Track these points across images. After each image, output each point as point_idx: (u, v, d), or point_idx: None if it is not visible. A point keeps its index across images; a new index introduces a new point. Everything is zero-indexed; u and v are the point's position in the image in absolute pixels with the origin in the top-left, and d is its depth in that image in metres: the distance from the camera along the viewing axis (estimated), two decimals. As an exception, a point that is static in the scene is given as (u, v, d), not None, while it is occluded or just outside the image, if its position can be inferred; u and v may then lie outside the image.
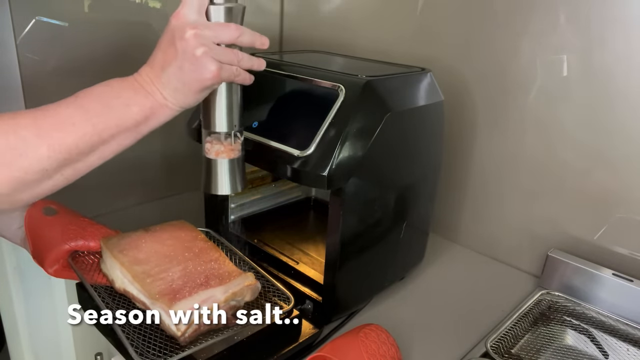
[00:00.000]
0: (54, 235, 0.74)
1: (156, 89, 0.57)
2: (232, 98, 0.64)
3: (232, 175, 0.68)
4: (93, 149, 0.56)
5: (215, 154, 0.66)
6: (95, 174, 1.07)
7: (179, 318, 0.62)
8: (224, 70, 0.57)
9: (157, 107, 0.57)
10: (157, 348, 0.63)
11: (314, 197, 1.16)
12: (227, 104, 0.63)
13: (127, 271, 0.69)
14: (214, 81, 0.57)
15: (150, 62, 0.58)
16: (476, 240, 1.04)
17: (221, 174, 0.67)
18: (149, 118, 0.57)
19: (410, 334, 0.77)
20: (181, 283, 0.67)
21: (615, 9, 0.78)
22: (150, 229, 0.79)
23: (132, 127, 0.57)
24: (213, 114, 0.64)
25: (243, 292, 0.69)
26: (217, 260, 0.73)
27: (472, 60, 0.96)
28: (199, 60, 0.55)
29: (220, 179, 0.68)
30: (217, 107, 0.63)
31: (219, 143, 0.66)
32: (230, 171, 0.68)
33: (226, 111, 0.64)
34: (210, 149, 0.67)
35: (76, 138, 0.54)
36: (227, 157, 0.67)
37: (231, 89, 0.63)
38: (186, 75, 0.56)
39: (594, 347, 0.79)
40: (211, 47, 0.56)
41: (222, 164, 0.67)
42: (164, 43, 0.56)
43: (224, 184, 0.68)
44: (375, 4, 1.11)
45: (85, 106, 0.55)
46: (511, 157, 0.95)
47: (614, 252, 0.85)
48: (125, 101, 0.56)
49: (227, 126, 0.65)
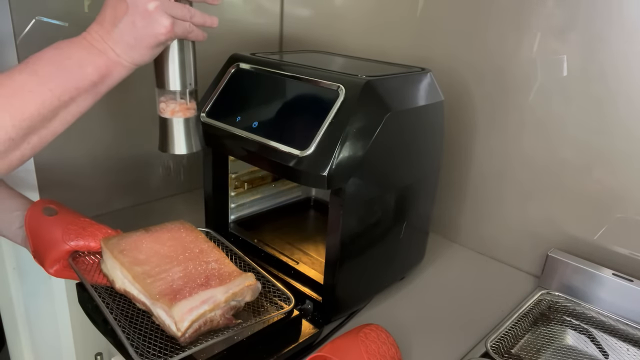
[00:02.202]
0: (55, 235, 0.74)
1: (108, 47, 0.56)
2: (185, 55, 0.63)
3: (188, 135, 0.67)
4: (55, 113, 0.55)
5: (170, 113, 0.66)
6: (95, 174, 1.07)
7: (179, 318, 0.62)
8: (177, 26, 0.57)
9: (112, 65, 0.56)
10: (157, 348, 0.63)
11: (314, 197, 1.16)
12: (180, 62, 0.62)
13: (128, 272, 0.69)
14: (167, 36, 0.56)
15: (100, 19, 0.57)
16: (476, 240, 1.04)
17: (178, 133, 0.67)
18: (105, 77, 0.57)
19: (410, 334, 0.77)
20: (181, 283, 0.67)
21: (615, 9, 0.78)
22: (150, 229, 0.79)
23: (90, 87, 0.56)
24: (167, 72, 0.63)
25: (243, 293, 0.69)
26: (218, 261, 0.73)
27: (472, 60, 0.96)
28: (152, 15, 0.54)
29: (177, 139, 0.67)
30: (171, 65, 0.62)
31: (174, 102, 0.65)
32: (186, 130, 0.67)
33: (179, 69, 0.63)
34: (165, 108, 0.66)
35: (37, 104, 0.53)
36: (182, 116, 0.66)
37: (183, 46, 0.62)
38: (139, 31, 0.55)
39: (594, 347, 0.79)
40: (163, 1, 0.55)
41: (178, 123, 0.66)
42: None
43: (181, 143, 0.67)
44: (375, 4, 1.11)
45: (38, 71, 0.54)
46: (511, 157, 0.95)
47: (614, 252, 0.85)
48: (78, 62, 0.55)
49: (181, 84, 0.64)
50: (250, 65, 0.83)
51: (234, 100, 0.82)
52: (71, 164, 1.00)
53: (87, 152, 1.01)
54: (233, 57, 0.86)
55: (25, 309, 1.07)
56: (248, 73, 0.83)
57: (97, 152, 1.02)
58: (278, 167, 0.72)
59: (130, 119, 1.06)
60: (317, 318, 0.76)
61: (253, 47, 1.00)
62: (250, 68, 0.83)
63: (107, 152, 1.04)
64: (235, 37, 1.18)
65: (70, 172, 1.00)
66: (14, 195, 0.79)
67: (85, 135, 0.99)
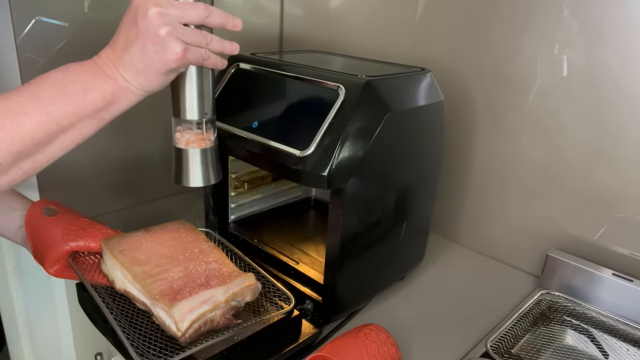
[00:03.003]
0: (55, 235, 0.74)
1: (117, 72, 0.53)
2: (203, 84, 0.60)
3: (205, 167, 0.65)
4: (51, 139, 0.52)
5: (185, 143, 0.63)
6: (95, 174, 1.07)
7: (179, 318, 0.62)
8: (190, 53, 0.54)
9: (119, 92, 0.54)
10: (158, 348, 0.63)
11: (314, 197, 1.16)
12: (197, 90, 0.60)
13: (128, 272, 0.69)
14: (179, 63, 0.54)
15: (112, 43, 0.54)
16: (476, 240, 1.04)
17: (192, 165, 0.64)
18: (110, 103, 0.54)
19: (410, 334, 0.77)
20: (182, 283, 0.67)
21: (615, 9, 0.78)
22: (150, 229, 0.79)
23: (92, 113, 0.53)
24: (182, 100, 0.60)
25: (243, 293, 0.69)
26: (218, 261, 0.73)
27: (472, 60, 0.96)
28: (163, 41, 0.52)
29: (191, 171, 0.64)
30: (187, 93, 0.60)
31: (190, 132, 0.63)
32: (203, 162, 0.64)
33: (197, 98, 0.60)
34: (180, 138, 0.64)
35: (31, 128, 0.50)
36: (198, 146, 0.64)
37: (202, 73, 0.59)
38: (149, 57, 0.52)
39: (594, 347, 0.79)
40: (176, 26, 0.52)
41: (193, 155, 0.64)
42: (126, 23, 0.53)
43: (196, 175, 0.65)
44: (376, 4, 1.11)
45: (39, 94, 0.51)
46: (511, 157, 0.95)
47: (614, 252, 0.85)
48: (82, 86, 0.52)
49: (197, 114, 0.61)
50: (250, 65, 0.83)
51: (234, 100, 0.82)
52: (71, 163, 1.00)
53: (87, 152, 1.01)
54: (233, 57, 0.86)
55: (25, 309, 1.07)
56: (248, 73, 0.83)
57: (97, 152, 1.02)
58: (278, 167, 0.72)
59: (130, 119, 1.06)
60: (317, 318, 0.76)
61: (253, 47, 0.99)
62: (250, 68, 0.83)
63: (107, 152, 1.04)
64: (235, 37, 1.18)
65: (70, 172, 1.00)
66: (14, 195, 0.79)
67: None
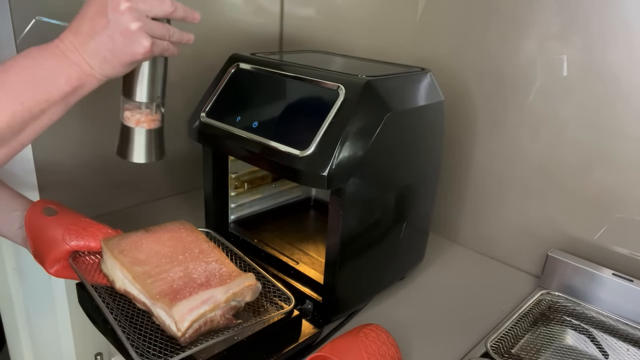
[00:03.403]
0: (55, 235, 0.74)
1: (82, 58, 0.55)
2: (157, 69, 0.63)
3: (149, 145, 0.68)
4: (24, 126, 0.54)
5: (135, 122, 0.66)
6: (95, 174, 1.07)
7: (179, 318, 0.62)
8: (156, 46, 0.57)
9: (84, 77, 0.56)
10: (158, 348, 0.63)
11: (314, 197, 1.16)
12: (151, 75, 0.63)
13: (128, 272, 0.69)
14: (145, 56, 0.57)
15: (74, 29, 0.55)
16: (476, 240, 1.04)
17: (139, 142, 0.67)
18: (76, 89, 0.56)
19: (410, 334, 0.77)
20: (182, 283, 0.67)
21: (615, 9, 0.78)
22: (150, 229, 0.79)
23: (61, 99, 0.56)
24: (136, 83, 0.63)
25: (244, 293, 0.69)
26: (218, 261, 0.73)
27: (472, 60, 0.96)
28: (133, 35, 0.54)
29: (137, 148, 0.67)
30: (141, 77, 0.63)
31: (140, 112, 0.66)
32: (148, 141, 0.67)
33: (150, 82, 0.63)
34: (130, 117, 0.66)
35: (7, 117, 0.53)
36: (147, 127, 0.66)
37: (156, 60, 0.63)
38: (117, 47, 0.55)
39: (594, 347, 0.79)
40: (145, 21, 0.55)
41: (141, 133, 0.66)
42: (92, 12, 0.54)
43: (141, 152, 0.67)
44: (376, 4, 1.11)
45: (9, 84, 0.53)
46: (511, 157, 0.95)
47: (614, 252, 0.85)
48: (50, 73, 0.54)
49: (148, 97, 0.64)
50: (250, 65, 0.83)
51: (234, 100, 0.82)
52: (71, 164, 1.00)
53: (87, 152, 1.01)
54: (233, 57, 0.86)
55: (25, 309, 1.07)
56: (248, 73, 0.83)
57: (97, 152, 1.02)
58: (278, 167, 0.72)
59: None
60: (317, 318, 0.76)
61: (253, 47, 1.00)
62: (250, 68, 0.83)
63: (107, 152, 1.04)
64: (235, 37, 1.18)
65: (70, 172, 1.00)
66: (13, 196, 0.79)
67: (85, 136, 0.99)
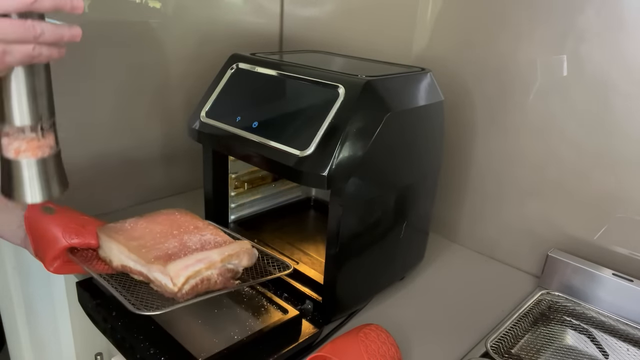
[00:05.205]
0: (55, 233, 0.74)
1: None
2: (35, 82, 0.49)
3: (43, 179, 0.53)
4: None
5: (14, 152, 0.50)
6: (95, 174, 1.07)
7: (175, 274, 0.62)
8: (11, 55, 0.44)
9: None
10: (155, 306, 0.63)
11: (314, 197, 1.16)
12: (27, 91, 0.49)
13: (124, 246, 0.70)
14: None
15: None
16: (476, 240, 1.04)
17: (26, 177, 0.52)
18: None
19: (410, 334, 0.77)
20: (177, 250, 0.68)
21: (615, 9, 0.78)
22: (144, 215, 0.79)
23: None
24: (8, 104, 0.49)
25: (239, 255, 0.70)
26: (213, 233, 0.74)
27: (472, 60, 0.96)
28: None
29: (25, 184, 0.52)
30: (13, 95, 0.48)
31: (20, 139, 0.50)
32: (40, 174, 0.52)
33: (27, 100, 0.49)
34: (7, 146, 0.50)
35: None
36: (32, 156, 0.51)
37: (32, 71, 0.49)
38: None
39: (594, 347, 0.79)
40: None
41: (27, 166, 0.51)
42: None
43: (31, 189, 0.52)
44: (376, 4, 1.11)
45: None
46: (511, 157, 0.95)
47: (614, 252, 0.85)
48: None
49: (29, 118, 0.50)
50: (250, 65, 0.83)
51: (234, 100, 0.82)
52: (71, 163, 0.99)
53: (87, 152, 1.01)
54: (233, 57, 0.86)
55: (25, 309, 1.07)
56: (248, 73, 0.83)
57: (97, 152, 1.02)
58: (278, 167, 0.72)
59: (130, 119, 1.06)
60: (317, 318, 0.76)
61: (253, 47, 0.99)
62: (250, 68, 0.83)
63: (108, 152, 1.04)
64: (235, 37, 1.18)
65: (70, 172, 0.99)
66: (13, 195, 0.79)
67: (85, 135, 0.99)
